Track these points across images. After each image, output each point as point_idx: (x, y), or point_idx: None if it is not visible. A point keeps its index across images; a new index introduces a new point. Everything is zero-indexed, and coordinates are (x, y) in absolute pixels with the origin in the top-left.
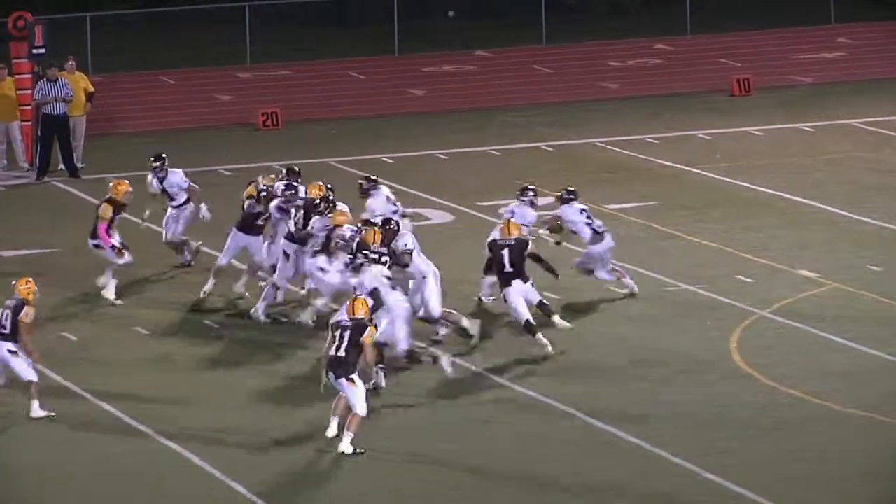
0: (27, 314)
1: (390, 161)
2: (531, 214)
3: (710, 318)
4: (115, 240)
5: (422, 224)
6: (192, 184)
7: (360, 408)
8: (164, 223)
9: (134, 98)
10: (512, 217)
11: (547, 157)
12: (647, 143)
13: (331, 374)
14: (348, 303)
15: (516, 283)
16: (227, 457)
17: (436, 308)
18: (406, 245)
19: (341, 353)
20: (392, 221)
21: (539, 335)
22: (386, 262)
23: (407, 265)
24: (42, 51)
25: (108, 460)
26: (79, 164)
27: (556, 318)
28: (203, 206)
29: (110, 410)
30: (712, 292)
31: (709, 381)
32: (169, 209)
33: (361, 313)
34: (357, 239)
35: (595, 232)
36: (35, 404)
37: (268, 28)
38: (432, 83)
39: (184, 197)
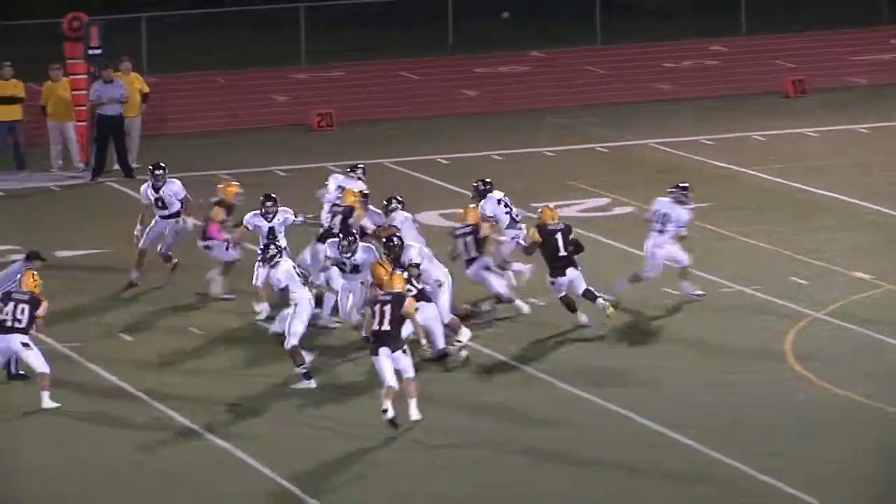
0: (45, 309)
1: (445, 162)
2: (685, 214)
3: (764, 320)
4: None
5: None
6: (187, 195)
7: (413, 372)
8: (145, 231)
9: (189, 99)
10: (666, 219)
11: (601, 159)
12: (702, 144)
13: (383, 349)
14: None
15: (570, 271)
16: (279, 455)
17: (446, 315)
18: (411, 259)
19: (385, 326)
20: (394, 238)
21: (579, 312)
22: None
23: (417, 276)
24: (98, 51)
25: (162, 460)
26: (133, 165)
27: (600, 301)
28: (189, 220)
29: (164, 411)
30: (766, 294)
31: (763, 383)
32: (157, 219)
33: (398, 287)
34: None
35: (513, 220)
36: (45, 395)
37: (322, 29)
38: (486, 84)
39: (176, 207)
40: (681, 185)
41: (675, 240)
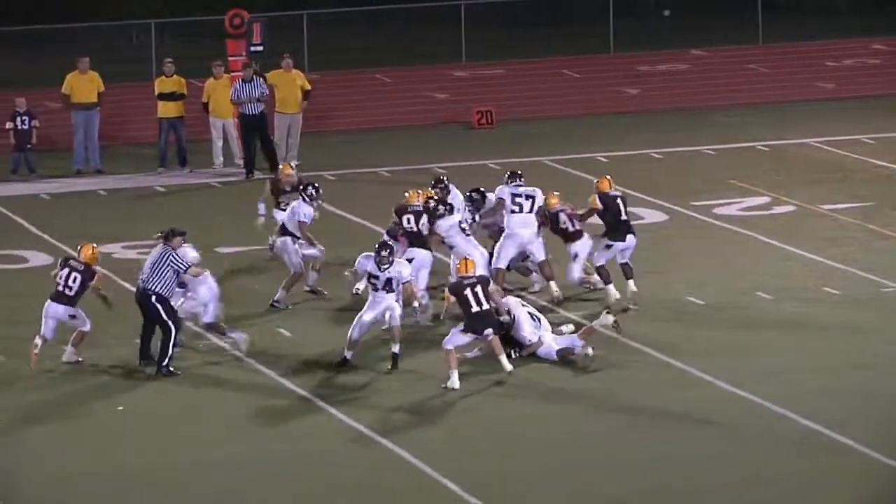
0: (99, 279)
1: (604, 160)
2: None
3: None
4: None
5: (635, 223)
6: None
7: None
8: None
9: (350, 96)
10: None
11: (762, 157)
12: (863, 143)
13: (487, 332)
14: (459, 264)
15: (630, 238)
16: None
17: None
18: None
19: (485, 306)
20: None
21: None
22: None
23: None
24: (260, 48)
25: (326, 455)
26: (294, 162)
27: (631, 283)
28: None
29: (330, 410)
30: None
31: None
32: (287, 239)
33: (472, 270)
34: None
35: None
36: (70, 349)
37: (483, 27)
38: (646, 82)
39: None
40: None
41: None
